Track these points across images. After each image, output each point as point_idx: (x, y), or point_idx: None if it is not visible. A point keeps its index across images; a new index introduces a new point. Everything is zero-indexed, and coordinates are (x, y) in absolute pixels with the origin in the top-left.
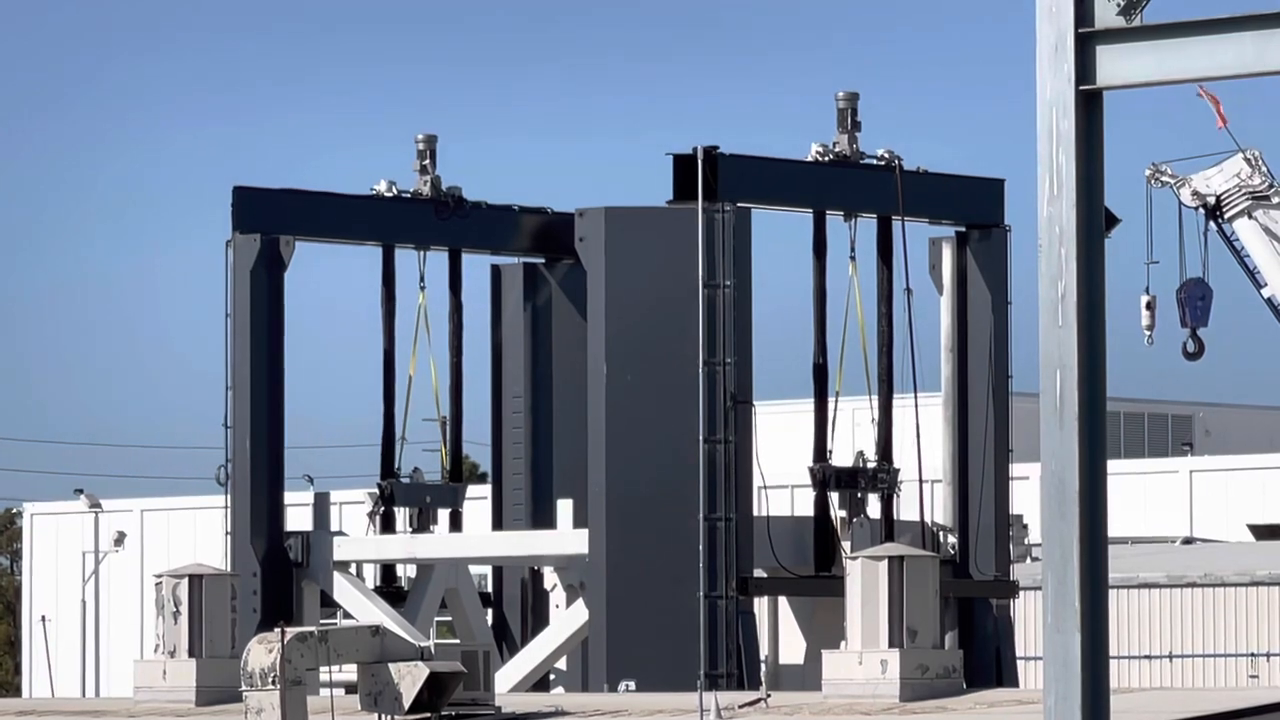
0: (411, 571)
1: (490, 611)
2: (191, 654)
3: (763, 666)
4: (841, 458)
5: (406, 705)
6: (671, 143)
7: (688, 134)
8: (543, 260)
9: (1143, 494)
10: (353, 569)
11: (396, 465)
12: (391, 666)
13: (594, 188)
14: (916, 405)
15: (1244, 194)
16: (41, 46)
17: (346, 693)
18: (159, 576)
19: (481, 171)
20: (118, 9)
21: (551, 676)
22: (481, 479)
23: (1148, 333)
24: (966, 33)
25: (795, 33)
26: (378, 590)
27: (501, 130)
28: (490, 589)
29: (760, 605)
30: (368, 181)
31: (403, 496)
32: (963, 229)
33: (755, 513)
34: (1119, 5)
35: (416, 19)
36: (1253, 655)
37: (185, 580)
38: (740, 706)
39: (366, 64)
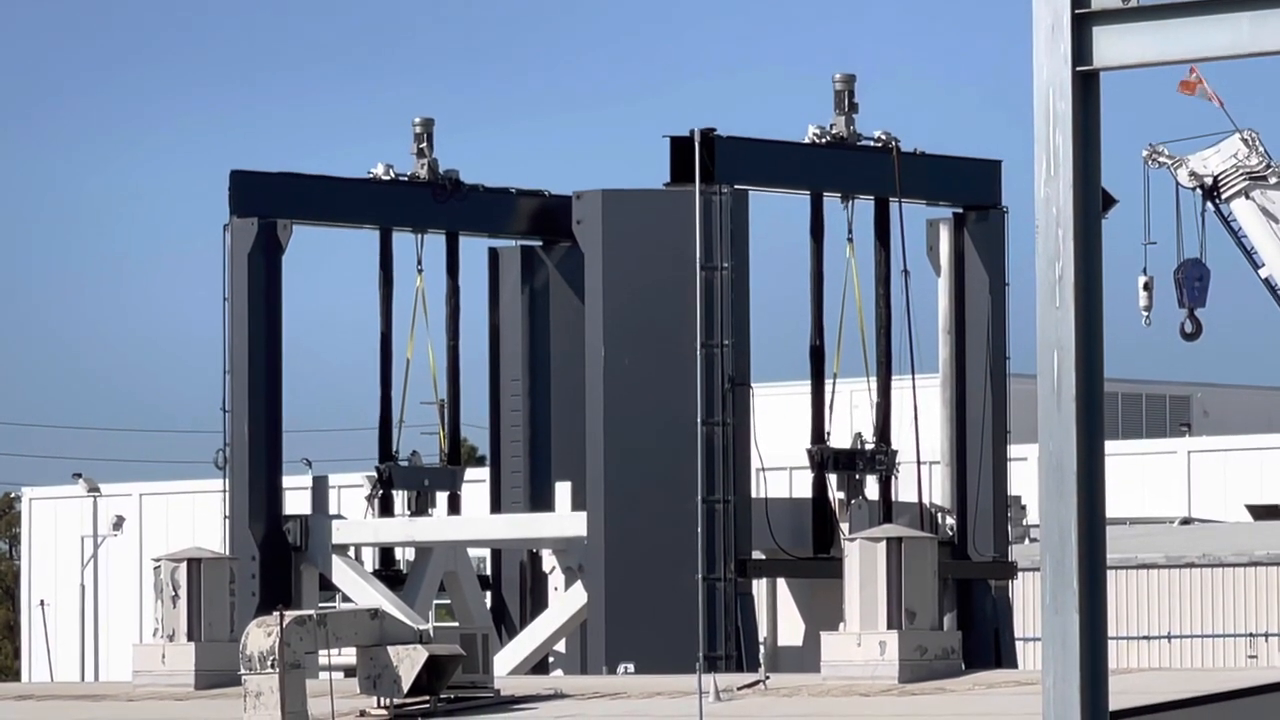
0: (410, 554)
1: (489, 594)
2: (190, 638)
3: (761, 648)
4: (839, 439)
5: (405, 688)
6: (669, 125)
7: (685, 116)
8: (540, 243)
9: (1141, 475)
10: (351, 552)
11: (395, 448)
12: (390, 650)
13: (591, 171)
14: (914, 387)
15: (1241, 174)
16: (41, 31)
17: (345, 676)
18: (157, 560)
19: (479, 156)
20: (118, 1)
21: (550, 659)
22: (480, 462)
23: (1145, 313)
24: (963, 14)
25: (792, 14)
26: (376, 573)
27: (498, 114)
28: (489, 572)
29: (759, 587)
30: (365, 165)
31: (401, 479)
32: (960, 210)
33: (753, 495)
34: None
35: (414, 4)
36: (1251, 635)
37: (184, 564)
38: (739, 688)
39: (364, 48)
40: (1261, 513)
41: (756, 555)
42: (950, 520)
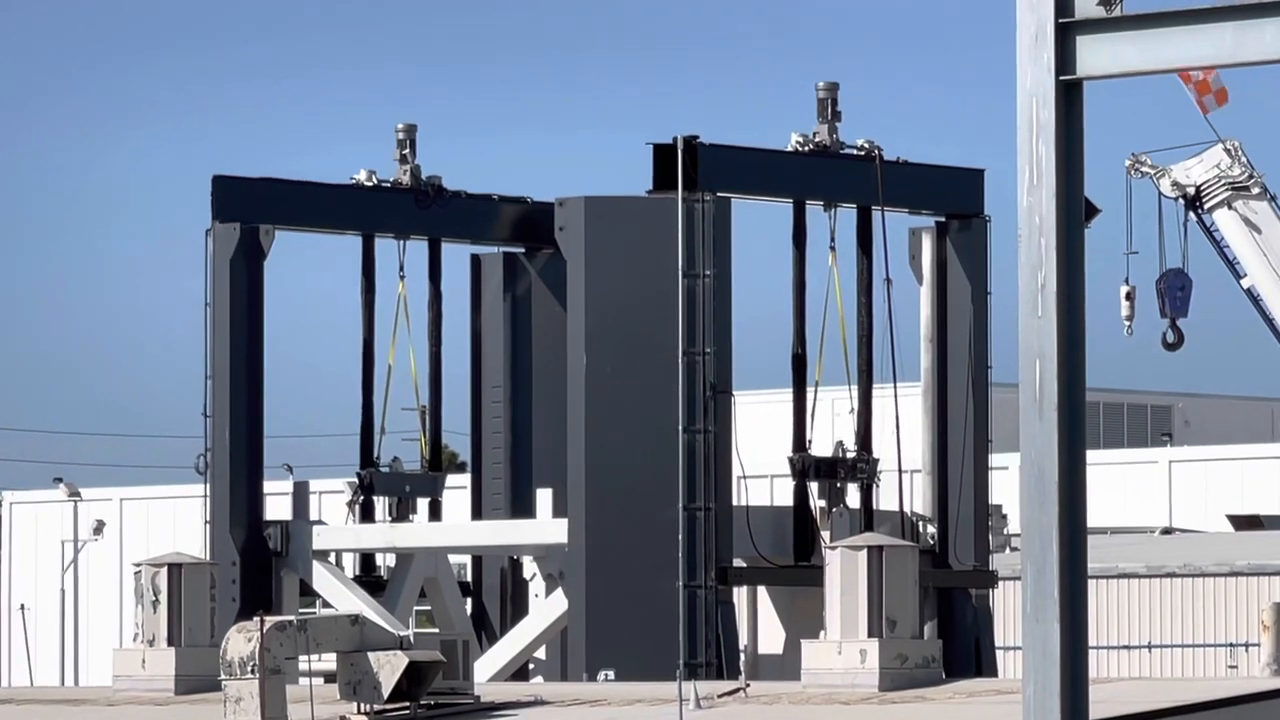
0: (391, 561)
1: (469, 601)
2: (170, 643)
3: (742, 656)
4: (821, 448)
5: (385, 694)
6: (652, 132)
7: (668, 123)
8: (522, 250)
9: (1122, 484)
10: (332, 558)
11: (376, 454)
12: (370, 655)
13: (574, 178)
14: (896, 395)
15: (1223, 184)
16: (22, 34)
17: (325, 682)
18: (138, 565)
19: (462, 162)
20: (101, 4)
21: (530, 666)
22: (461, 468)
23: (1127, 323)
24: (947, 23)
25: (776, 22)
26: (357, 579)
27: (482, 121)
28: (469, 578)
29: (739, 595)
30: (348, 171)
31: (382, 486)
32: (942, 219)
33: (735, 502)
34: None
35: (397, 9)
36: (1231, 645)
37: (164, 569)
38: (719, 696)
39: (347, 54)
40: (1242, 523)
41: (737, 563)
42: (931, 529)
